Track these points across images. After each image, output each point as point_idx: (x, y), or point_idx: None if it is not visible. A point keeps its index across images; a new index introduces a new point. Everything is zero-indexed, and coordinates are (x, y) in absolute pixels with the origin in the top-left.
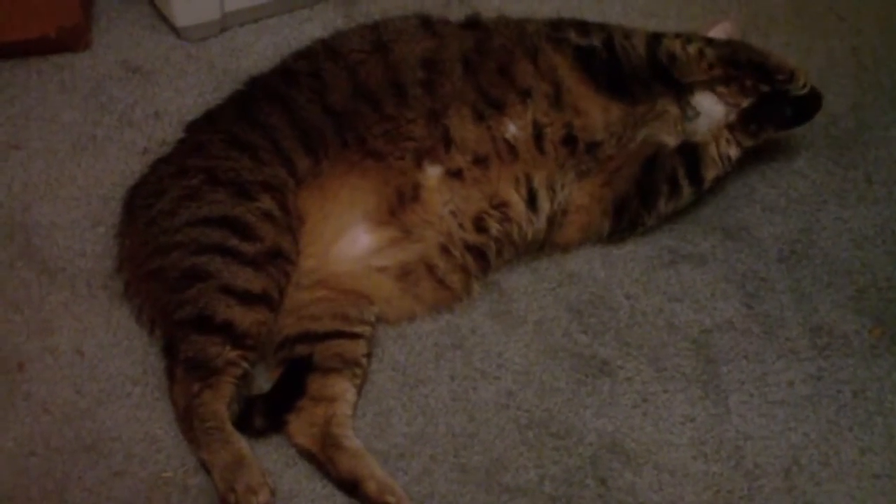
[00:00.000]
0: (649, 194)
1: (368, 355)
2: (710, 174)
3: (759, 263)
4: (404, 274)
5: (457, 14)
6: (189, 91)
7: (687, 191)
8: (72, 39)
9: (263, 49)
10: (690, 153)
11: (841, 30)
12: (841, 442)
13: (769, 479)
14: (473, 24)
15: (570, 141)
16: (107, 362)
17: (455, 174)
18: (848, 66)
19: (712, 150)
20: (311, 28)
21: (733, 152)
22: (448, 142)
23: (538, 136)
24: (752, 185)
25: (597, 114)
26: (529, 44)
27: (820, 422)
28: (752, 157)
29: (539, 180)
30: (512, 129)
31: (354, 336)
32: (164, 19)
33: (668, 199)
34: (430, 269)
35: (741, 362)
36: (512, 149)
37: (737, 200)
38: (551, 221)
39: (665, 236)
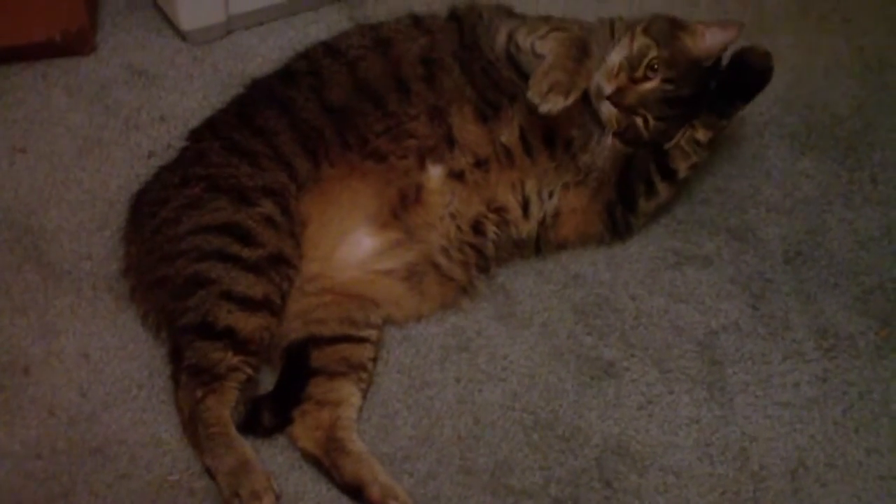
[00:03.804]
0: (629, 196)
1: (374, 359)
2: (680, 165)
3: (765, 265)
4: (410, 274)
5: None
6: (194, 94)
7: (661, 186)
8: (77, 43)
9: (269, 52)
10: (659, 147)
11: (847, 30)
12: (847, 443)
13: (775, 481)
14: (454, 17)
15: (549, 140)
16: (112, 366)
17: (457, 175)
18: (853, 66)
19: (679, 140)
20: (316, 30)
21: (701, 136)
22: (451, 141)
23: (524, 140)
24: (757, 187)
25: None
26: (489, 38)
27: (826, 423)
28: (757, 159)
29: (530, 187)
30: (506, 134)
31: (361, 340)
32: (169, 23)
33: (647, 197)
34: (434, 266)
35: (746, 364)
36: (509, 153)
37: (742, 202)
38: (542, 224)
39: (670, 238)
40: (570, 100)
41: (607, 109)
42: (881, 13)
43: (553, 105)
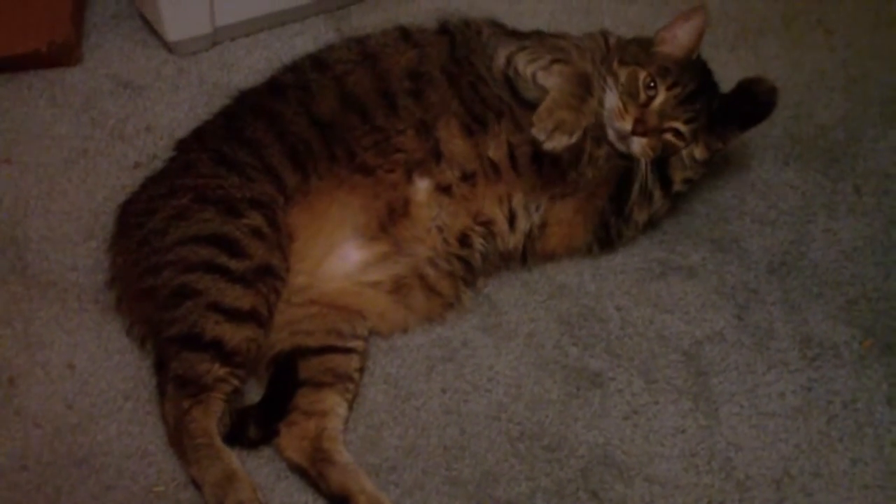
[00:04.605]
0: (624, 205)
1: (361, 370)
2: (676, 175)
3: (750, 275)
4: (397, 287)
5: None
6: (180, 105)
7: (657, 194)
8: (63, 54)
9: (255, 63)
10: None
11: (830, 43)
12: (831, 453)
13: (760, 491)
14: (445, 31)
15: (536, 159)
16: (98, 377)
17: (444, 189)
18: (837, 78)
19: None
20: (302, 42)
21: (699, 153)
22: (438, 155)
23: (512, 156)
24: (742, 198)
25: None
26: (486, 57)
27: (810, 433)
28: (742, 170)
29: (517, 201)
30: (492, 148)
31: (347, 351)
32: (156, 34)
33: (641, 206)
34: (422, 279)
35: (732, 374)
36: (496, 167)
37: (727, 213)
38: (529, 237)
39: (655, 248)
40: (574, 138)
41: (638, 144)
42: (864, 26)
43: (558, 143)
